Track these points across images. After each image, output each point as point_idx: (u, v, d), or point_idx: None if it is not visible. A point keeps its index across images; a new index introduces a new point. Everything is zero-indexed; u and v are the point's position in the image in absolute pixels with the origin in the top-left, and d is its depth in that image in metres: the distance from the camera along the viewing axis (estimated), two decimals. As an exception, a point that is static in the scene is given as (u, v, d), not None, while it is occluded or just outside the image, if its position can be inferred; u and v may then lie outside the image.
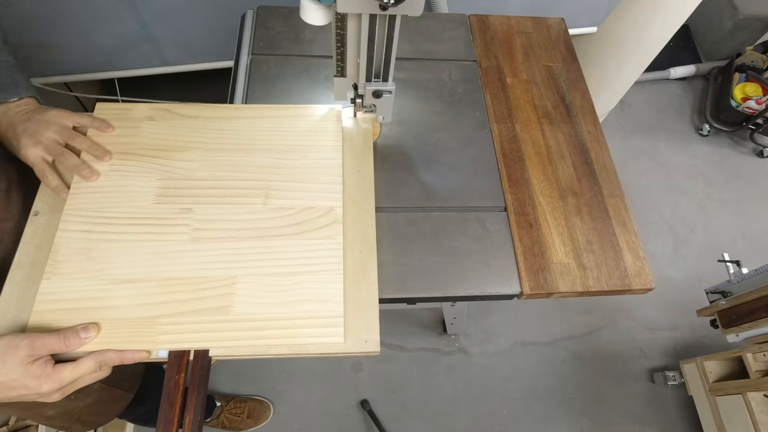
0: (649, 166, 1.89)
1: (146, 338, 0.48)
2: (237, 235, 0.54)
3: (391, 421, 1.34)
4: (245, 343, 0.48)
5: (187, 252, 0.53)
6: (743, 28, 1.97)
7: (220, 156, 0.60)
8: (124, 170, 0.58)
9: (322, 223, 0.56)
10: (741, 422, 1.17)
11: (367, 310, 0.52)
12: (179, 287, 0.50)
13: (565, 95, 0.79)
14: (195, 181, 0.57)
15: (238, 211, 0.56)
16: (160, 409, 0.46)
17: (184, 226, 0.54)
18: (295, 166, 0.60)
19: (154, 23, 0.95)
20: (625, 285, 0.62)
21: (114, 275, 0.50)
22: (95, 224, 0.53)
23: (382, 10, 0.47)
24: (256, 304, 0.50)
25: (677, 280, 1.65)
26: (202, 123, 0.62)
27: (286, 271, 0.52)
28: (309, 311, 0.50)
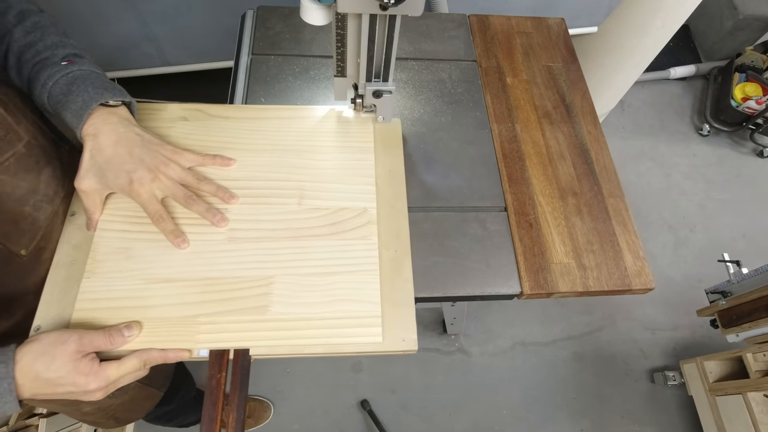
0: (649, 166, 1.89)
1: (186, 337, 0.48)
2: (272, 236, 0.54)
3: (391, 421, 1.34)
4: (283, 343, 0.49)
5: (223, 252, 0.53)
6: (743, 28, 1.97)
7: (253, 156, 0.60)
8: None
9: (357, 224, 0.56)
10: (741, 422, 1.17)
11: (403, 309, 0.52)
12: (217, 287, 0.51)
13: (565, 95, 0.79)
14: (229, 182, 0.57)
15: (273, 212, 0.56)
16: (204, 408, 0.46)
17: (221, 230, 0.54)
18: (328, 167, 0.60)
19: (154, 23, 0.95)
20: (625, 285, 0.62)
21: (152, 275, 0.50)
22: (133, 224, 0.53)
23: (382, 10, 0.47)
24: (294, 304, 0.50)
25: (677, 280, 1.65)
26: (233, 124, 0.62)
27: (322, 271, 0.53)
28: (346, 311, 0.51)
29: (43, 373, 0.40)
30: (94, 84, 0.48)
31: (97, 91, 0.48)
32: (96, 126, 0.48)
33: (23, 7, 0.50)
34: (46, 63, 0.48)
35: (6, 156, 0.44)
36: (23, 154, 0.46)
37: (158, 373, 0.76)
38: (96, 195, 0.50)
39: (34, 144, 0.48)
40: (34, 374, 0.40)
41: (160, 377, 0.78)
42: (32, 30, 0.49)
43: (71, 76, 0.48)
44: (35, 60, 0.48)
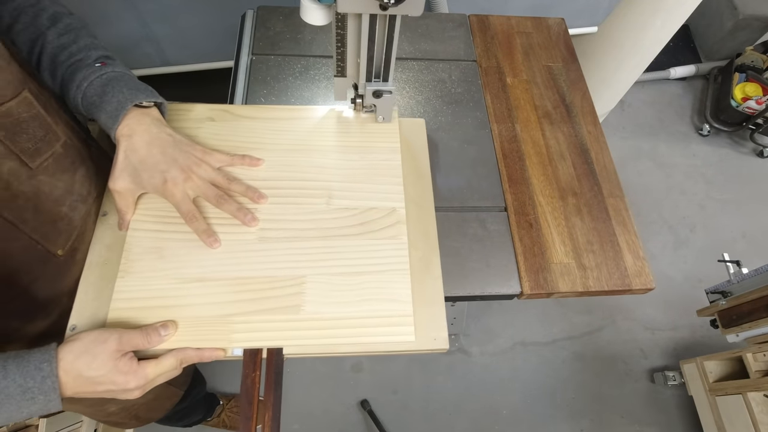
0: (649, 166, 1.89)
1: (221, 336, 0.48)
2: (302, 235, 0.54)
3: (391, 421, 1.34)
4: (316, 342, 0.49)
5: (254, 252, 0.53)
6: (743, 28, 1.97)
7: (280, 156, 0.60)
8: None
9: (386, 224, 0.56)
10: (741, 422, 1.17)
11: (434, 307, 0.53)
12: (249, 286, 0.51)
13: (565, 95, 0.79)
14: (258, 182, 0.57)
15: (302, 211, 0.56)
16: (240, 407, 0.46)
17: (252, 229, 0.54)
18: (355, 167, 0.60)
19: (154, 23, 0.95)
20: (625, 285, 0.62)
21: (184, 274, 0.51)
22: (165, 224, 0.53)
23: (382, 10, 0.47)
24: (326, 304, 0.51)
25: (677, 280, 1.65)
26: (259, 124, 0.62)
27: (353, 270, 0.53)
28: (378, 310, 0.51)
29: (85, 371, 0.40)
30: (128, 85, 0.49)
31: (132, 92, 0.48)
32: (130, 127, 0.48)
33: (56, 9, 0.50)
34: (80, 65, 0.48)
35: (45, 156, 0.45)
36: (60, 155, 0.47)
37: (181, 372, 0.77)
38: (129, 195, 0.51)
39: (70, 144, 0.49)
40: (75, 373, 0.40)
41: (182, 376, 0.78)
42: (65, 32, 0.49)
43: (105, 78, 0.48)
44: (69, 62, 0.48)
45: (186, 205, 0.51)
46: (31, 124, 0.43)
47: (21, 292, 0.47)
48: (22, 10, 0.49)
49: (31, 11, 0.49)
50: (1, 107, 0.39)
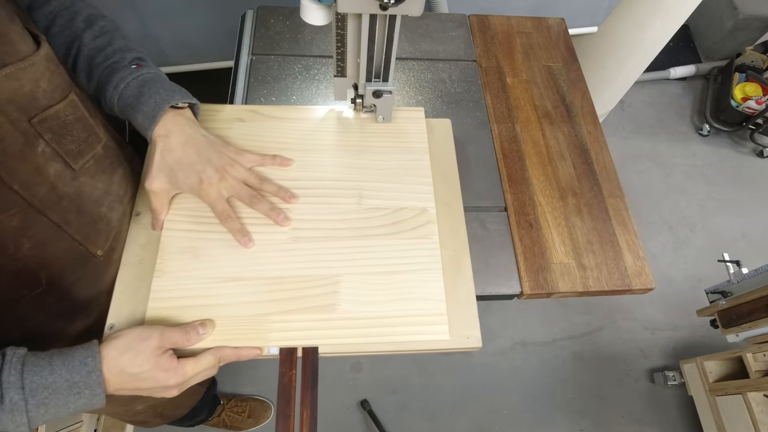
0: (649, 166, 1.89)
1: (258, 335, 0.49)
2: (335, 235, 0.55)
3: (391, 421, 1.34)
4: (351, 341, 0.49)
5: (288, 251, 0.53)
6: (743, 28, 1.97)
7: (310, 156, 0.60)
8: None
9: (417, 223, 0.57)
10: (741, 422, 1.17)
11: (466, 306, 0.54)
12: (284, 286, 0.51)
13: (565, 95, 0.79)
14: (289, 182, 0.58)
15: (334, 211, 0.56)
16: (278, 406, 0.47)
17: (284, 229, 0.55)
18: (385, 167, 0.60)
19: (154, 23, 0.95)
20: (625, 285, 0.62)
21: (219, 274, 0.51)
22: (198, 224, 0.54)
23: (382, 10, 0.47)
24: (360, 303, 0.51)
25: (677, 280, 1.65)
26: (288, 124, 0.63)
27: (386, 270, 0.53)
28: (413, 309, 0.51)
29: (128, 368, 0.41)
30: (164, 86, 0.50)
31: (168, 94, 0.49)
32: (167, 127, 0.49)
33: (90, 12, 0.51)
34: (117, 66, 0.49)
35: (87, 158, 0.45)
36: (101, 156, 0.47)
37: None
38: (164, 195, 0.51)
39: (109, 146, 0.49)
40: (119, 369, 0.41)
41: None
42: (100, 34, 0.50)
43: (141, 79, 0.49)
44: (105, 63, 0.49)
45: (221, 204, 0.51)
46: (75, 126, 0.43)
47: (64, 293, 0.47)
48: (57, 13, 0.49)
49: (66, 14, 0.50)
50: (49, 110, 0.40)
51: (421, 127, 0.64)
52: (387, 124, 0.64)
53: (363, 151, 0.61)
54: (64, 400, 0.38)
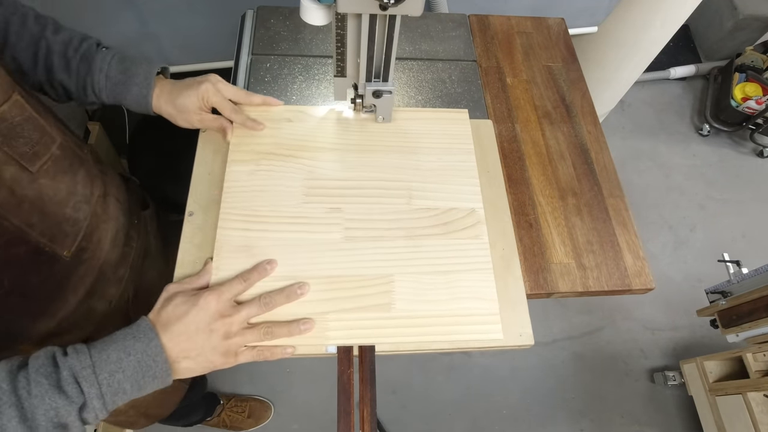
0: (649, 166, 1.89)
1: (317, 333, 0.49)
2: (388, 235, 0.56)
3: (391, 421, 1.34)
4: (408, 339, 0.50)
5: (342, 251, 0.54)
6: (743, 28, 1.97)
7: (358, 156, 0.61)
8: (270, 170, 0.59)
9: (467, 224, 0.57)
10: (741, 422, 1.17)
11: (517, 305, 0.55)
12: (340, 284, 0.52)
13: (565, 95, 0.79)
14: (339, 181, 0.59)
15: (385, 211, 0.57)
16: (338, 403, 0.48)
17: (336, 225, 0.56)
18: (433, 168, 0.61)
19: (154, 22, 0.95)
20: (625, 285, 0.62)
21: (275, 273, 0.52)
22: (251, 222, 0.55)
23: (382, 10, 0.47)
24: (416, 302, 0.52)
25: (677, 280, 1.65)
26: (332, 124, 0.64)
27: (439, 270, 0.54)
28: (467, 309, 0.52)
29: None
30: (138, 59, 0.55)
31: (147, 63, 0.56)
32: (161, 87, 0.56)
33: (32, 12, 0.53)
34: (90, 54, 0.54)
35: (44, 159, 0.45)
36: (59, 157, 0.47)
37: None
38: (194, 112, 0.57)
39: (66, 146, 0.49)
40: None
41: None
42: (57, 30, 0.53)
43: (118, 57, 0.55)
44: (79, 55, 0.53)
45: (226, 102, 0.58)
46: (25, 128, 0.43)
47: (30, 294, 0.47)
48: (8, 20, 0.50)
49: (16, 19, 0.51)
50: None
51: (466, 128, 0.65)
52: (433, 126, 0.65)
53: (410, 152, 0.62)
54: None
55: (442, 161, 0.62)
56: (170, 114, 0.57)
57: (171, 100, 0.56)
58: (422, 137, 0.64)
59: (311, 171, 0.59)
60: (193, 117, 0.57)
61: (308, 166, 0.60)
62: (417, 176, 0.60)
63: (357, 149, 0.62)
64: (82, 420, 0.39)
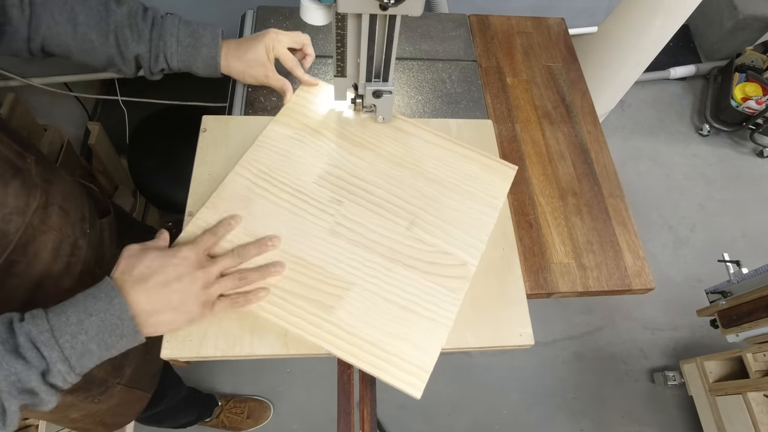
0: (649, 166, 1.89)
1: (268, 302, 0.51)
2: (371, 246, 0.55)
3: (391, 421, 1.34)
4: (331, 346, 0.49)
5: (323, 241, 0.55)
6: (743, 28, 1.97)
7: (386, 166, 0.61)
8: (302, 142, 0.62)
9: (452, 274, 0.55)
10: (741, 422, 1.17)
11: (517, 305, 0.55)
12: (304, 270, 0.53)
13: (565, 95, 0.79)
14: (355, 179, 0.59)
15: (381, 225, 0.57)
16: (338, 403, 0.48)
17: (330, 216, 0.56)
18: (451, 207, 0.59)
19: (154, 23, 0.95)
20: (625, 285, 0.62)
21: (256, 230, 0.54)
22: (262, 179, 0.58)
23: (382, 10, 0.47)
24: (359, 319, 0.50)
25: (677, 280, 1.65)
26: (380, 127, 0.64)
27: (400, 303, 0.52)
28: (403, 352, 0.50)
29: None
30: (201, 25, 0.60)
31: (210, 29, 0.61)
32: (226, 46, 0.61)
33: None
34: (157, 20, 0.58)
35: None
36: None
37: (145, 374, 0.75)
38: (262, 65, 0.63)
39: (5, 160, 0.47)
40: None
41: (146, 378, 0.77)
42: (119, 1, 0.56)
43: (183, 21, 0.59)
44: (148, 24, 0.57)
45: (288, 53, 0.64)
46: None
47: None
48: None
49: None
50: None
51: (506, 184, 0.63)
52: (476, 168, 0.63)
53: (438, 184, 0.61)
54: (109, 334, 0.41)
55: (464, 205, 0.60)
56: (239, 70, 0.62)
57: (239, 56, 0.61)
58: (459, 175, 0.62)
59: (337, 159, 0.61)
60: (260, 71, 0.62)
61: (337, 153, 0.61)
62: (432, 209, 0.59)
63: (389, 159, 0.62)
64: (50, 385, 0.39)
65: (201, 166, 0.60)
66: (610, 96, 1.45)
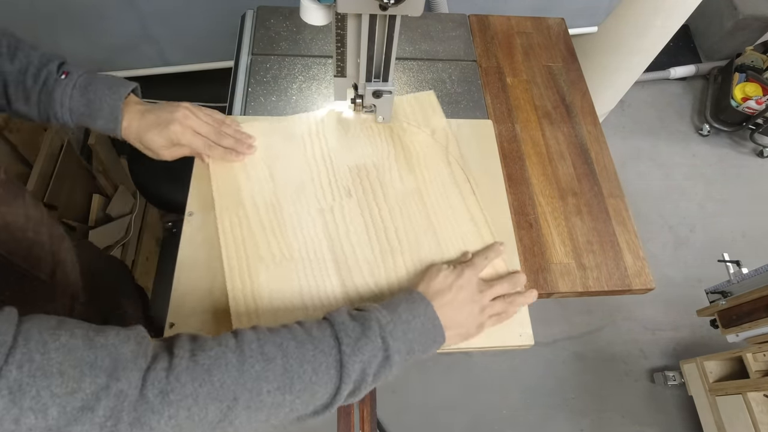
0: (649, 166, 1.89)
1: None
2: (336, 256, 0.54)
3: (391, 421, 1.34)
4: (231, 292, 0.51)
5: (307, 208, 0.57)
6: (743, 28, 1.97)
7: (418, 203, 0.59)
8: (371, 131, 0.65)
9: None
10: (741, 422, 1.17)
11: None
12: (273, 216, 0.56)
13: (565, 95, 0.79)
14: (386, 189, 0.60)
15: (367, 248, 0.55)
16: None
17: (330, 198, 0.58)
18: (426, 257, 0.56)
19: (154, 23, 0.95)
20: (625, 285, 0.62)
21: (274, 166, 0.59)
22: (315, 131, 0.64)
23: (382, 10, 0.47)
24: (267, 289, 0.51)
25: (677, 280, 1.65)
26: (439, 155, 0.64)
27: (295, 300, 0.52)
28: None
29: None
30: (105, 84, 0.52)
31: (112, 91, 0.52)
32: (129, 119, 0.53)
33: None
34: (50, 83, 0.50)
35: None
36: (4, 181, 0.45)
37: None
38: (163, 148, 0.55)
39: (9, 170, 0.47)
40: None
41: None
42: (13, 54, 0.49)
43: (80, 86, 0.51)
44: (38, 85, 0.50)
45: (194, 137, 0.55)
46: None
47: None
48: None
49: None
50: None
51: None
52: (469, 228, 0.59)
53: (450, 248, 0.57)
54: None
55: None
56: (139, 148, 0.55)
57: (138, 136, 0.53)
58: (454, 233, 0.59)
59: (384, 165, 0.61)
60: (162, 153, 0.55)
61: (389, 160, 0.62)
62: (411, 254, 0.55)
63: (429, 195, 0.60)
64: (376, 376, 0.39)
65: (200, 167, 0.60)
66: (610, 96, 1.45)
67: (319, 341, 0.38)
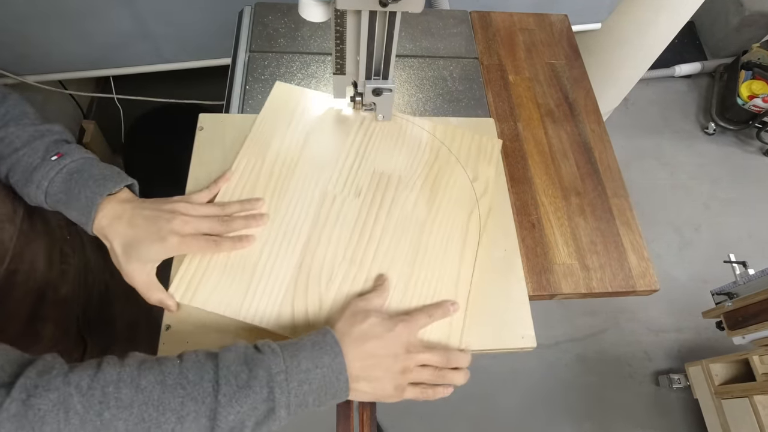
0: (653, 165, 1.87)
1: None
2: (307, 239, 0.53)
3: (390, 421, 1.33)
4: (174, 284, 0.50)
5: (308, 192, 0.57)
6: (749, 25, 1.95)
7: (415, 236, 0.55)
8: (405, 126, 0.64)
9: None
10: (747, 426, 1.16)
11: (519, 306, 0.54)
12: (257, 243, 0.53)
13: (568, 93, 0.77)
14: (394, 206, 0.57)
15: (341, 247, 0.53)
16: (338, 405, 0.47)
17: (334, 191, 0.57)
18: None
19: (150, 19, 0.94)
20: (629, 286, 0.61)
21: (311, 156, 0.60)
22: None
23: (382, 7, 0.46)
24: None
25: (682, 281, 1.63)
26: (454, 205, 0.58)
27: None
28: None
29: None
30: (93, 176, 0.46)
31: (98, 184, 0.45)
32: (106, 217, 0.45)
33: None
34: (33, 162, 0.45)
35: None
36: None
37: None
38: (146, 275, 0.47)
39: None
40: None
41: None
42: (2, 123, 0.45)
43: (66, 172, 0.45)
44: (22, 164, 0.45)
45: (197, 242, 0.48)
46: None
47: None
48: None
49: None
50: None
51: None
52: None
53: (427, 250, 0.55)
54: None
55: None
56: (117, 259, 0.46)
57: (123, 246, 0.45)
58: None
59: (408, 184, 0.59)
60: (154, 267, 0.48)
61: (418, 160, 0.61)
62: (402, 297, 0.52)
63: (415, 232, 0.56)
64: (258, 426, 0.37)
65: (197, 165, 0.59)
66: (614, 94, 1.43)
67: (193, 386, 0.34)
